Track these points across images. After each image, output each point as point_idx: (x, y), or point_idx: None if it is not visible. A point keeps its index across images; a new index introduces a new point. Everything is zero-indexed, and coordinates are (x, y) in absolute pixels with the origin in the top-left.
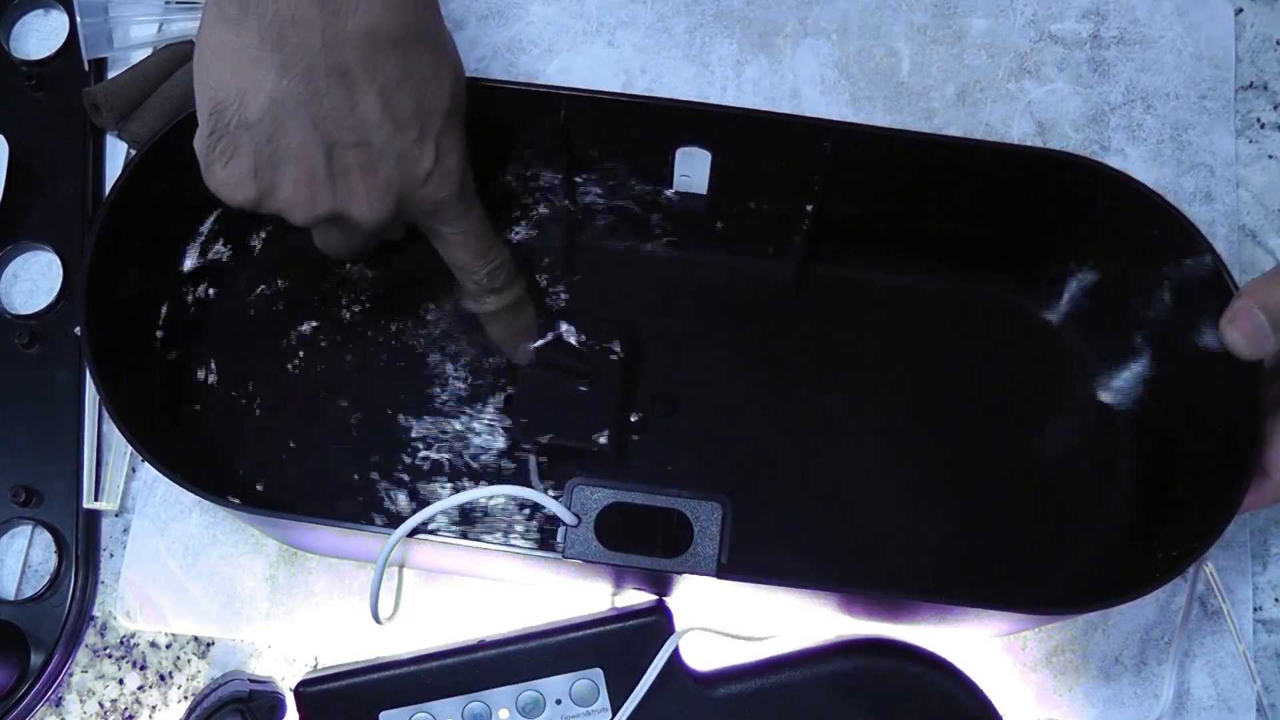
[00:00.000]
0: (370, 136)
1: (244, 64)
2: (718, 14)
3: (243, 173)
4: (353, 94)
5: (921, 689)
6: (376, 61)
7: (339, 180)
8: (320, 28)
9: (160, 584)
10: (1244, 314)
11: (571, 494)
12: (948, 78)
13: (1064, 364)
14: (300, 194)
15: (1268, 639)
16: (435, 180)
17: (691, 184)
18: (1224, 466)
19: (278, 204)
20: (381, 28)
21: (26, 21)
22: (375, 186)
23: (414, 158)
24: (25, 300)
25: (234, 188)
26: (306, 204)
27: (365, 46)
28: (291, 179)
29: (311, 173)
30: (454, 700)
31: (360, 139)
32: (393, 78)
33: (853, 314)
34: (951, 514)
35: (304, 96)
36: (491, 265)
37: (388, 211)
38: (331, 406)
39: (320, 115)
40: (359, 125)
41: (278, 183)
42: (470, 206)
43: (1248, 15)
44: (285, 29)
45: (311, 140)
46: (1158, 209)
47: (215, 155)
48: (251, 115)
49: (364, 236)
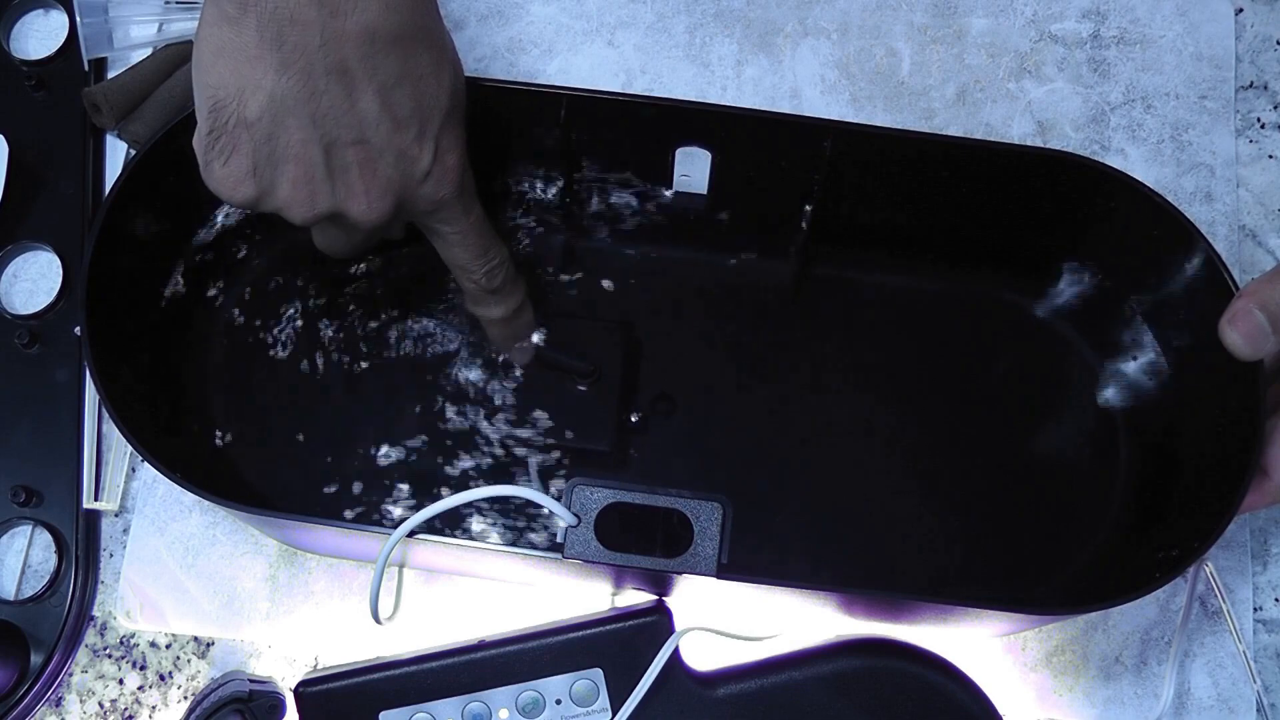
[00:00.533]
0: (369, 135)
1: (243, 62)
2: (718, 14)
3: (242, 171)
4: (351, 92)
5: (921, 689)
6: (375, 60)
7: (338, 179)
8: (319, 27)
9: (160, 584)
10: (1244, 314)
11: (571, 494)
12: (948, 78)
13: (1064, 364)
14: (299, 192)
15: (1268, 639)
16: (434, 179)
17: (691, 184)
18: (1224, 466)
19: (276, 202)
20: (380, 27)
21: (26, 21)
22: (374, 185)
23: (413, 156)
24: (25, 300)
25: (233, 186)
26: (305, 202)
27: (364, 45)
28: (290, 177)
29: (310, 171)
30: (454, 700)
31: (359, 137)
32: (391, 76)
33: (852, 314)
34: (951, 514)
35: (303, 95)
36: (490, 265)
37: (386, 210)
38: (332, 406)
39: (319, 114)
40: (358, 124)
41: (276, 181)
42: (470, 206)
43: (1248, 15)
44: (284, 28)
45: (310, 139)
46: (1158, 209)
47: (214, 154)
48: (250, 113)
49: (364, 236)
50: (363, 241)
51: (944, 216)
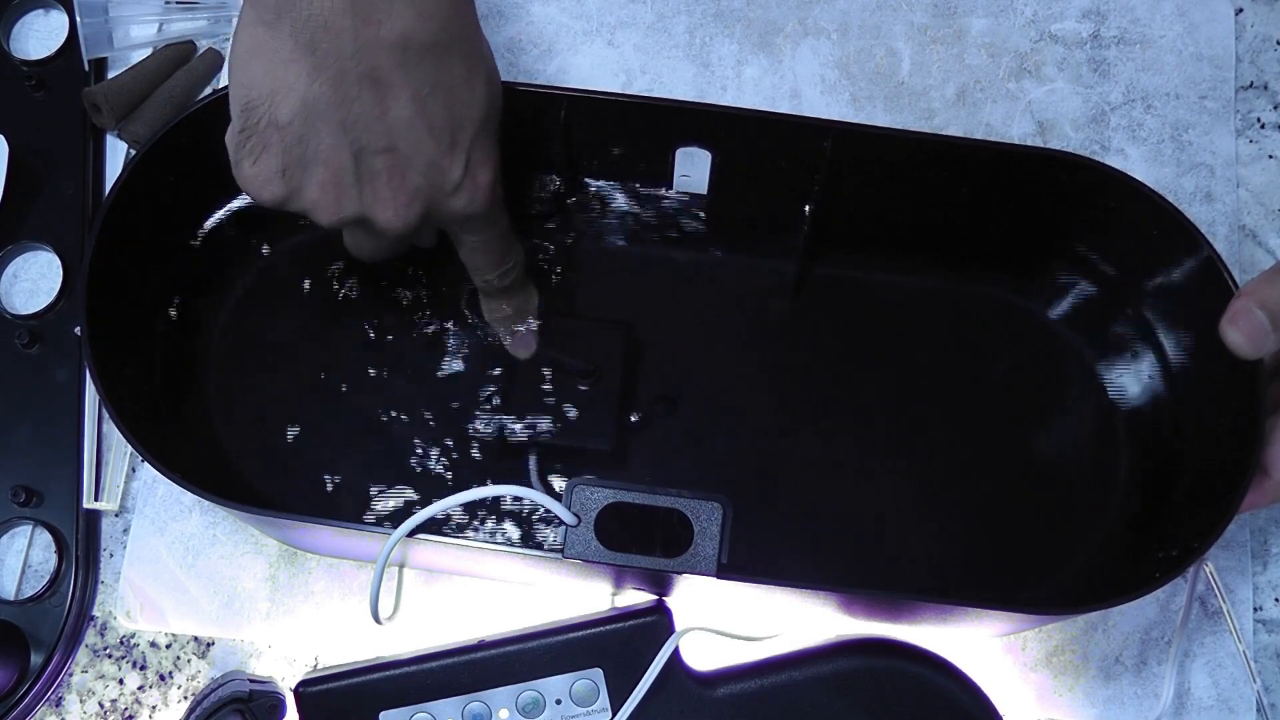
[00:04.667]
0: (399, 143)
1: (277, 65)
2: (718, 14)
3: (271, 171)
4: (383, 100)
5: (921, 689)
6: (409, 68)
7: (365, 185)
8: (353, 34)
9: (160, 584)
10: (1244, 313)
11: (571, 494)
12: (948, 78)
13: (1064, 364)
14: (326, 196)
15: (1268, 639)
16: (466, 193)
17: (691, 184)
18: (1224, 466)
19: (304, 204)
20: (414, 35)
21: (26, 21)
22: (402, 193)
23: (443, 167)
24: (25, 300)
25: (261, 185)
26: (332, 206)
27: (397, 54)
28: (318, 180)
29: (339, 176)
30: (454, 700)
31: (389, 145)
32: (425, 85)
33: (853, 314)
34: (952, 514)
35: (334, 100)
36: (506, 268)
37: (413, 219)
38: (332, 406)
39: (350, 120)
40: (388, 131)
41: (305, 183)
42: (497, 218)
43: (1248, 15)
44: (318, 34)
45: (340, 144)
46: (1158, 209)
47: (245, 152)
48: (282, 116)
49: (391, 242)
50: (391, 247)
51: (944, 216)
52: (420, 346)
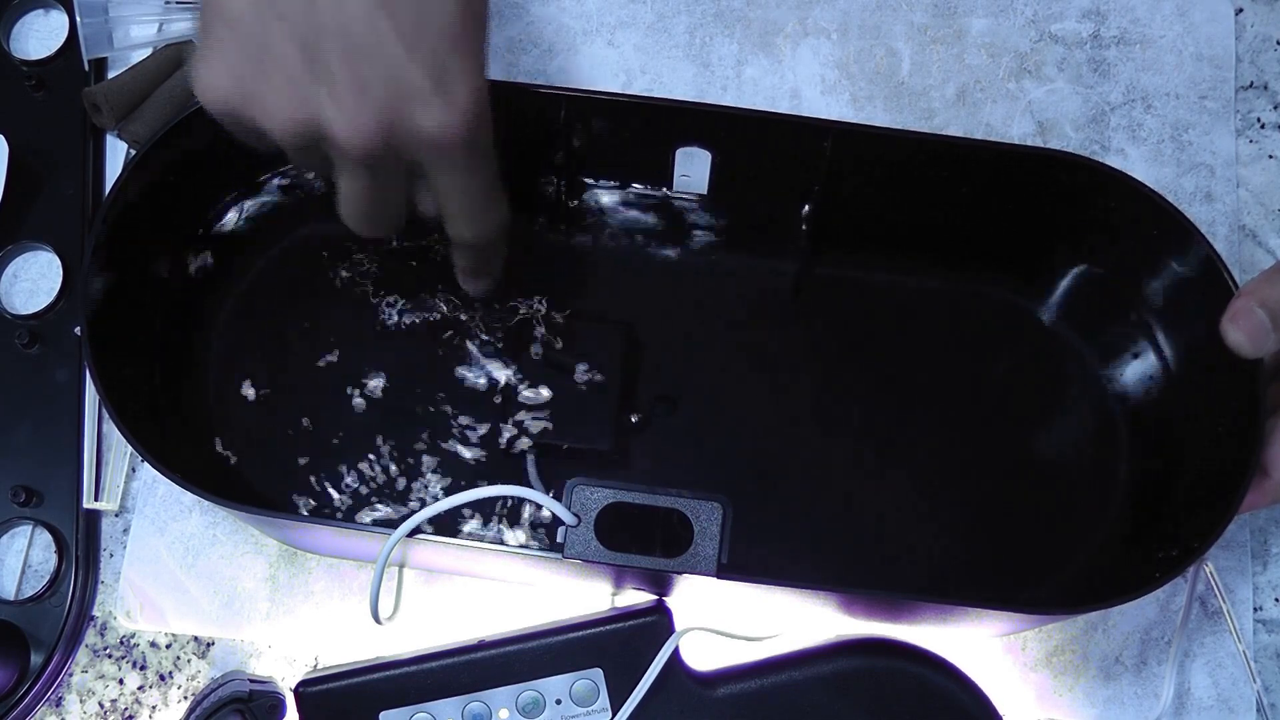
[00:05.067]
0: (357, 42)
1: None
2: (718, 14)
3: (220, 73)
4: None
5: (921, 689)
6: None
7: (321, 87)
8: None
9: (160, 584)
10: (1244, 312)
11: (571, 494)
12: (948, 78)
13: (1064, 364)
14: (279, 102)
15: (1268, 639)
16: (436, 110)
17: (691, 184)
18: (1224, 466)
19: (255, 112)
20: None
21: (26, 21)
22: (361, 100)
23: (403, 74)
24: (25, 300)
25: (209, 88)
26: (284, 115)
27: None
28: (271, 85)
29: (293, 79)
30: (454, 700)
31: (347, 45)
32: None
33: (853, 314)
34: (951, 514)
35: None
36: (483, 228)
37: (372, 131)
38: (332, 406)
39: (306, 17)
40: (346, 27)
41: (255, 88)
42: (479, 164)
43: (1248, 15)
44: None
45: (293, 42)
46: (1158, 209)
47: (200, 58)
48: (233, 9)
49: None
50: (384, 208)
51: (944, 216)
52: (421, 346)
